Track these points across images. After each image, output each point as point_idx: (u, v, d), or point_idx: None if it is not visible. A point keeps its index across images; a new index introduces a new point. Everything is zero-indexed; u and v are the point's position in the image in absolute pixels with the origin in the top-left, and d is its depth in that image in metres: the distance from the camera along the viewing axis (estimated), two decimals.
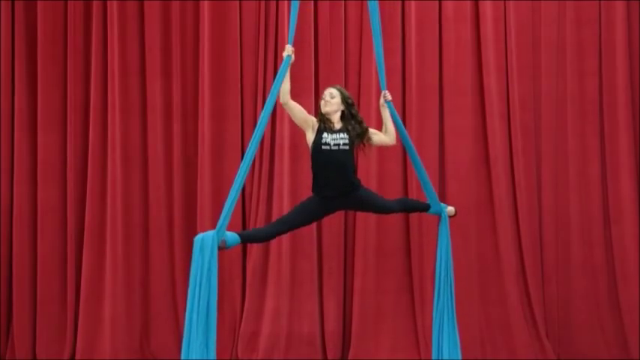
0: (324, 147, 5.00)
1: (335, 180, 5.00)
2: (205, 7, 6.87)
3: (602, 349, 6.62)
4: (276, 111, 6.84)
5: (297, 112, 5.04)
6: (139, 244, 6.90)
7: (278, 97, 4.94)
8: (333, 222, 6.75)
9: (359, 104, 6.69)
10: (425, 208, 5.49)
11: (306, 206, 5.07)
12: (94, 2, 6.93)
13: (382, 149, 6.71)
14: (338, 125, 5.10)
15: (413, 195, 6.71)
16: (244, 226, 6.89)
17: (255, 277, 6.81)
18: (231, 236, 4.82)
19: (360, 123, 5.13)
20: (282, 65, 4.94)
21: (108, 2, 6.90)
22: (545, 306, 6.73)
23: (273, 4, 6.89)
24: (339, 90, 5.16)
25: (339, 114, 5.11)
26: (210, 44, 6.86)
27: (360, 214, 6.73)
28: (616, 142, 6.73)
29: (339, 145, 5.01)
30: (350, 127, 5.08)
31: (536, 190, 6.79)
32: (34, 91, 6.97)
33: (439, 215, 5.50)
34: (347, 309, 6.80)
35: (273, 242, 6.76)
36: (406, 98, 6.83)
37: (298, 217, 5.05)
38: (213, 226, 6.71)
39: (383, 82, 5.29)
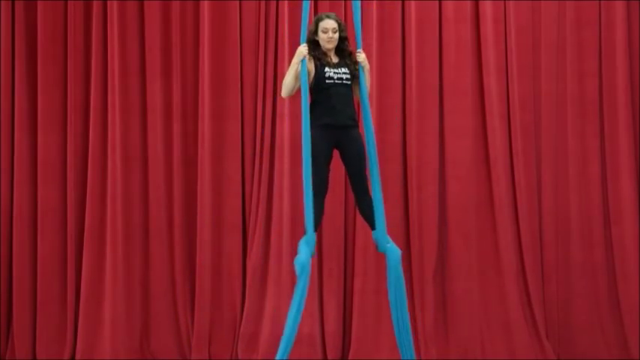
0: (327, 81, 4.93)
1: (338, 110, 4.92)
2: (205, 7, 6.87)
3: (602, 349, 6.62)
4: (276, 110, 6.85)
5: (295, 78, 4.92)
6: (139, 244, 6.90)
7: (289, 91, 4.94)
8: (333, 223, 6.75)
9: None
10: (372, 224, 5.00)
11: (315, 152, 4.87)
12: (94, 2, 6.92)
13: (382, 149, 6.73)
14: (335, 59, 5.02)
15: (414, 202, 6.74)
16: (244, 226, 6.89)
17: (255, 278, 6.81)
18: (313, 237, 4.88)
19: (354, 63, 5.02)
20: (301, 68, 4.85)
21: (108, 2, 6.89)
22: (545, 306, 6.73)
23: (273, 4, 6.89)
24: (338, 22, 5.03)
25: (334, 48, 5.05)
26: (210, 44, 6.86)
27: (359, 216, 6.70)
28: (616, 143, 6.73)
29: (342, 79, 4.95)
30: (348, 62, 5.01)
31: (536, 190, 6.79)
32: (34, 91, 6.96)
33: (381, 250, 4.98)
34: (347, 309, 6.80)
35: (273, 242, 6.79)
36: (406, 98, 6.83)
37: (319, 167, 4.87)
38: (214, 226, 6.85)
39: (359, 39, 5.03)
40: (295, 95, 5.31)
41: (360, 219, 6.70)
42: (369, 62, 6.65)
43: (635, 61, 6.77)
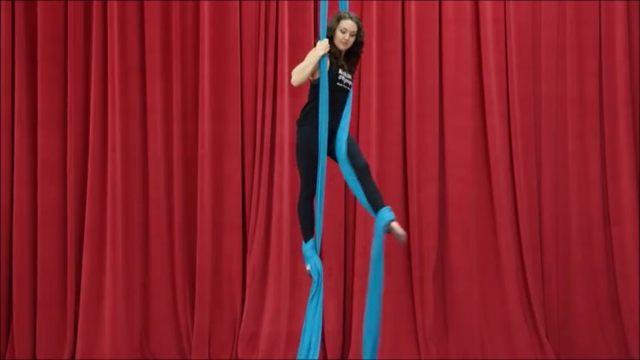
0: (338, 84, 4.79)
1: (336, 115, 4.76)
2: (205, 7, 6.87)
3: (602, 349, 6.62)
4: (276, 110, 6.85)
5: (312, 72, 4.74)
6: (139, 244, 6.90)
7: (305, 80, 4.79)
8: (333, 222, 6.75)
9: (357, 104, 6.69)
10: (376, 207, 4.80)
11: (305, 149, 4.76)
12: (94, 2, 6.92)
13: (382, 149, 6.74)
14: (344, 63, 4.85)
15: (414, 202, 6.74)
16: (244, 226, 6.89)
17: (255, 278, 6.81)
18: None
19: (354, 72, 4.91)
20: (321, 64, 4.70)
21: (108, 2, 6.89)
22: (545, 306, 6.73)
23: (273, 4, 6.89)
24: (359, 26, 4.83)
25: None
26: (210, 44, 6.86)
27: (359, 216, 6.73)
28: (616, 143, 6.74)
29: (348, 85, 4.84)
30: (353, 69, 4.88)
31: (536, 190, 6.79)
32: (34, 91, 6.96)
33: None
34: (347, 309, 6.80)
35: (273, 242, 6.78)
36: (406, 98, 6.83)
37: (308, 165, 4.75)
38: (213, 226, 6.85)
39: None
40: (295, 95, 5.30)
41: (359, 219, 6.73)
42: (369, 62, 6.75)
43: (635, 61, 6.77)
